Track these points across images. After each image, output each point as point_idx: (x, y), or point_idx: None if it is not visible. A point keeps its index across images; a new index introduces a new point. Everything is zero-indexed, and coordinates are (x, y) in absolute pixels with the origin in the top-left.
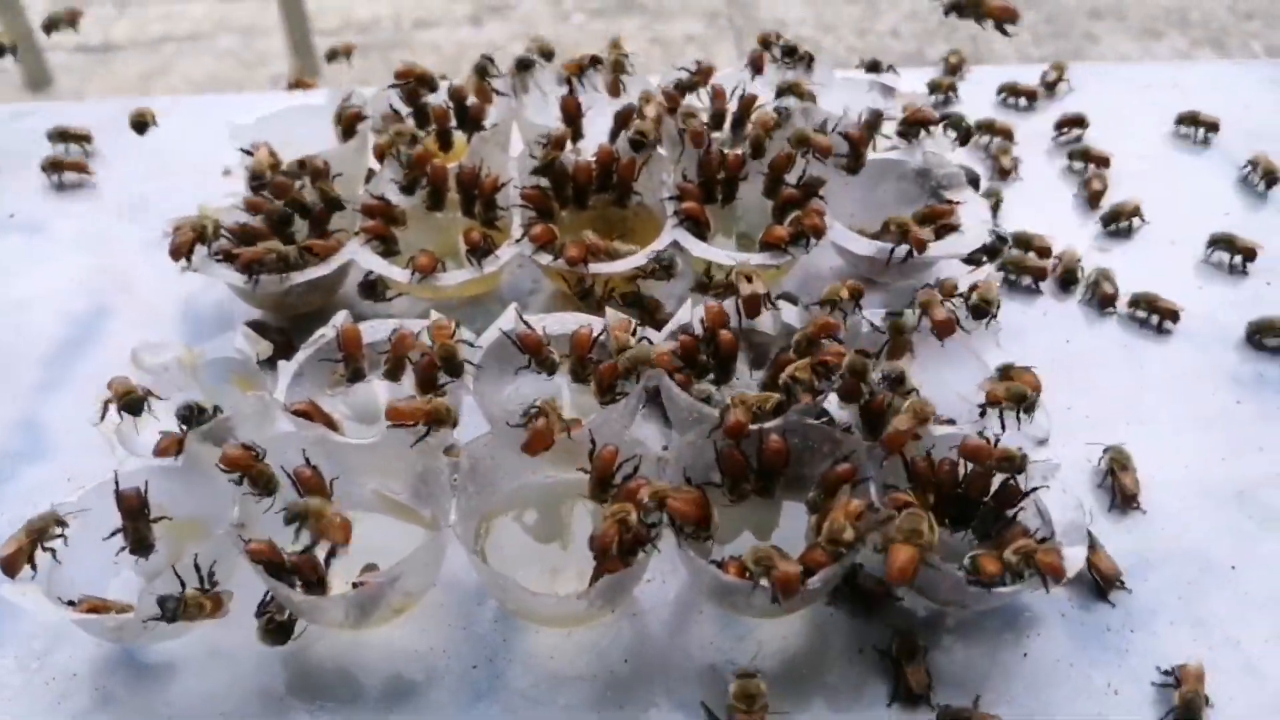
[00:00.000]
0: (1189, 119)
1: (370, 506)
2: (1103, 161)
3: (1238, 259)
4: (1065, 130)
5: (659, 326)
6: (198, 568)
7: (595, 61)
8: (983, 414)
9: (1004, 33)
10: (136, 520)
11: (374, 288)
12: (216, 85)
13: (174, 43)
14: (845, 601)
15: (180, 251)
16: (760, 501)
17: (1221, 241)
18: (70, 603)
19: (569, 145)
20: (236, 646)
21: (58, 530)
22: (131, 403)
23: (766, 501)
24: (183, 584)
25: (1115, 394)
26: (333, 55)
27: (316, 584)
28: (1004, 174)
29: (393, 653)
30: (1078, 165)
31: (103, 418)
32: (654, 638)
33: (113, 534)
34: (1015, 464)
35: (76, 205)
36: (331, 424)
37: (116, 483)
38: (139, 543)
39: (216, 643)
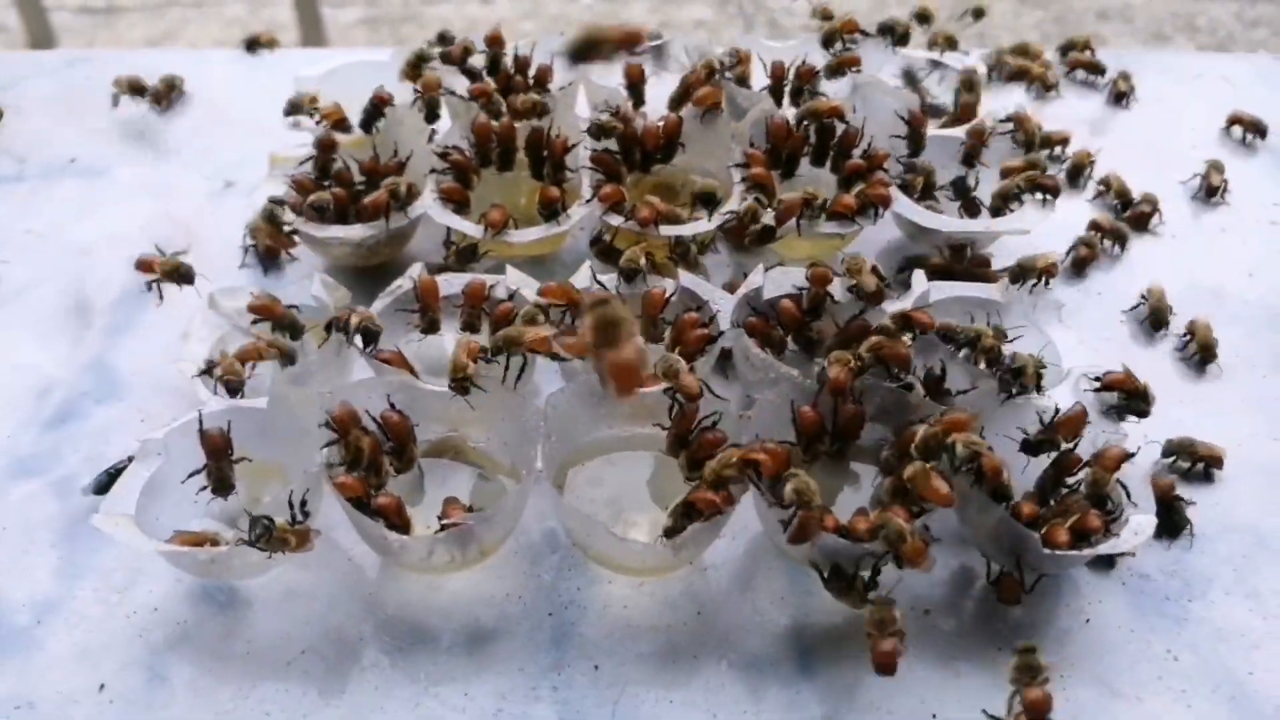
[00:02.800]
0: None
1: (448, 454)
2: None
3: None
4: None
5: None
6: (291, 504)
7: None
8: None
9: None
10: (220, 460)
11: (462, 252)
12: None
13: (180, 8)
14: None
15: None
16: (831, 463)
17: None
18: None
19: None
20: (313, 588)
21: None
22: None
23: (838, 464)
24: (270, 520)
25: (1167, 374)
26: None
27: (401, 527)
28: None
29: (468, 598)
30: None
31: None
32: (725, 592)
33: (193, 474)
34: None
35: (138, 153)
36: (413, 372)
37: (201, 422)
38: (221, 483)
39: (293, 584)
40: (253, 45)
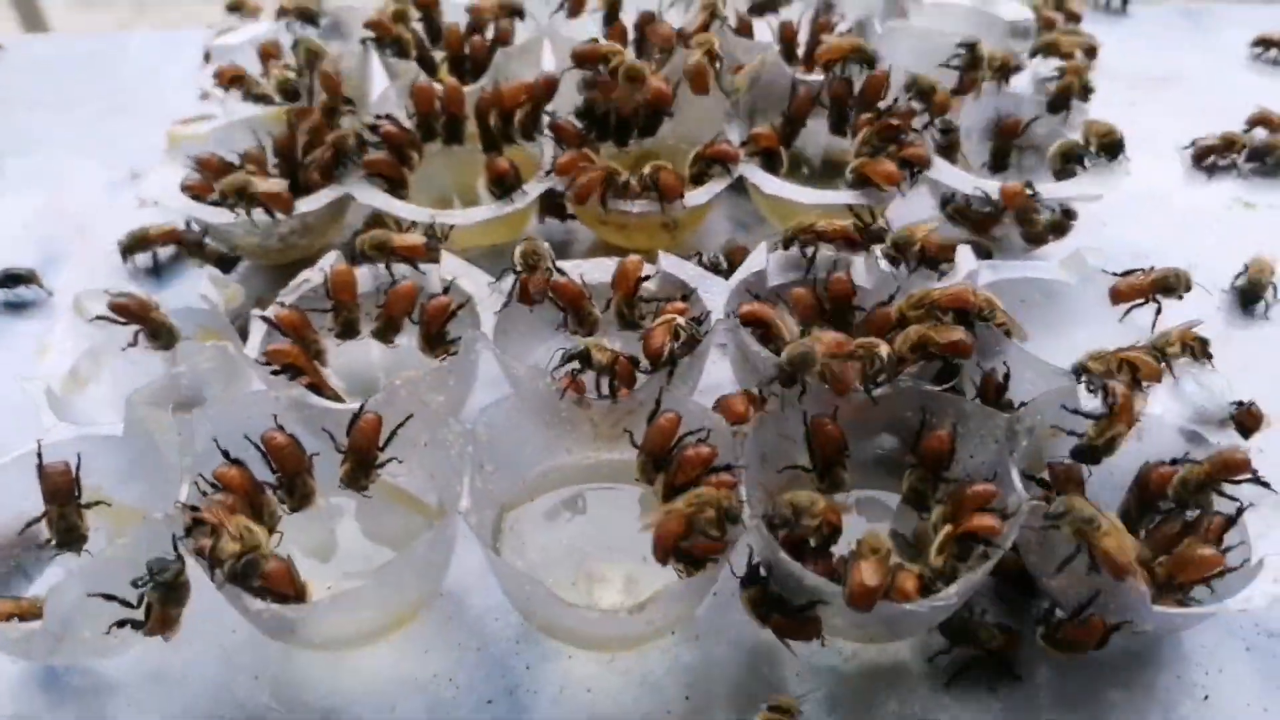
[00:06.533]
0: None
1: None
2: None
3: None
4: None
5: None
6: (150, 569)
7: None
8: None
9: None
10: (64, 505)
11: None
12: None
13: None
14: None
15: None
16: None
17: None
18: None
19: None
20: (186, 667)
21: None
22: None
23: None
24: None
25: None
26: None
27: (293, 596)
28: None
29: (384, 680)
30: None
31: None
32: (720, 666)
33: (32, 522)
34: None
35: (30, 142)
36: (320, 382)
37: (40, 456)
38: (67, 533)
39: (160, 665)
40: None
